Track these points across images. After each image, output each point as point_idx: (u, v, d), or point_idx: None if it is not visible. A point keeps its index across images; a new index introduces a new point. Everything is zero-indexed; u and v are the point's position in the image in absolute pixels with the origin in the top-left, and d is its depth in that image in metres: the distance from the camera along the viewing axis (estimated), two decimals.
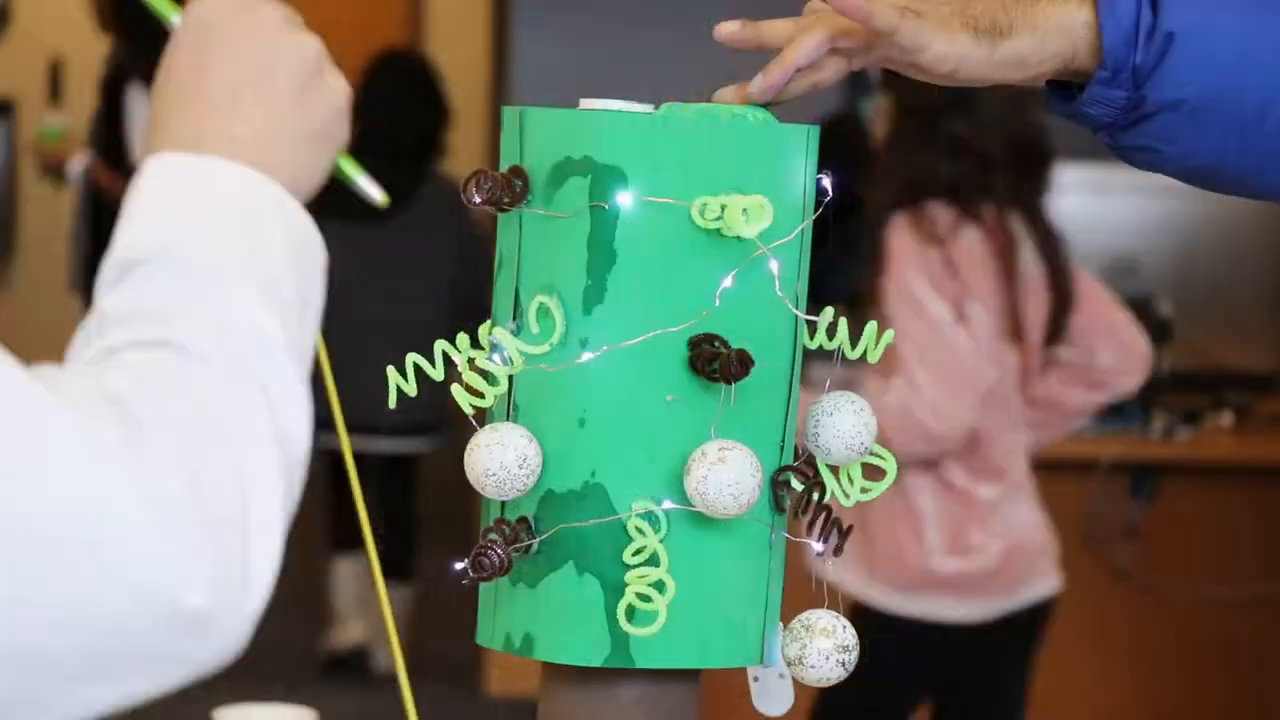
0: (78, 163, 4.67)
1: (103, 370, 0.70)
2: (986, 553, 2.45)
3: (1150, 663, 3.27)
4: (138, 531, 0.66)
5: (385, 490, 4.34)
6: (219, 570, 0.67)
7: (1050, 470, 2.91)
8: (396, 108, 4.12)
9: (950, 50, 1.03)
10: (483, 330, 0.99)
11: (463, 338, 0.98)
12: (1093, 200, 3.28)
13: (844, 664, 0.98)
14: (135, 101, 4.42)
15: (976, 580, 2.46)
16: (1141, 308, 3.08)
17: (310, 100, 0.83)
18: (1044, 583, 2.51)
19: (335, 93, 0.84)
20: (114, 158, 4.48)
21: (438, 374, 0.97)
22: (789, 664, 1.00)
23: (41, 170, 5.32)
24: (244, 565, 0.68)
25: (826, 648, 0.98)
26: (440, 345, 0.96)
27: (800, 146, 0.98)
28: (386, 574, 1.04)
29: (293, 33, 0.83)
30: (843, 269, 3.63)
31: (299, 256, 0.79)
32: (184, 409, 0.69)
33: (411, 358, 0.96)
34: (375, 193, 0.89)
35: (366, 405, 1.50)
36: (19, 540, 0.64)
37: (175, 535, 0.66)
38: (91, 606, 0.65)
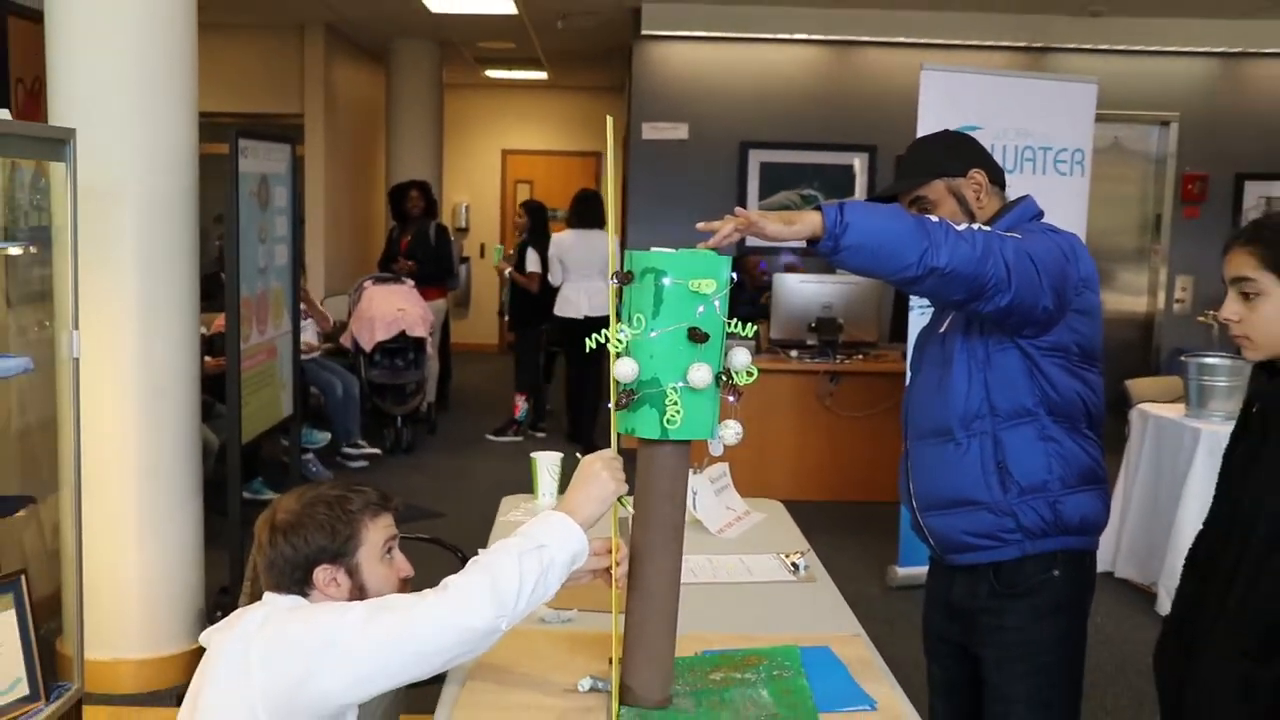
0: (505, 269, 9.73)
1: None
2: None
3: (834, 444, 8.18)
4: (453, 615, 2.10)
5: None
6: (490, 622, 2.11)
7: (805, 375, 8.06)
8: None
9: (775, 230, 2.28)
10: (617, 326, 2.13)
11: (611, 329, 2.16)
12: (815, 283, 8.21)
13: (738, 436, 2.19)
14: (530, 249, 9.33)
15: None
16: (831, 321, 8.19)
17: (602, 504, 2.15)
18: None
19: (608, 501, 2.13)
20: (518, 268, 9.48)
21: (601, 338, 2.17)
22: (720, 437, 2.22)
23: (498, 272, 10.28)
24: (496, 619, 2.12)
25: (731, 431, 2.20)
26: (605, 330, 2.15)
27: (726, 264, 2.15)
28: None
29: (607, 479, 2.13)
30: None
31: (566, 564, 2.15)
32: (475, 578, 2.12)
33: (602, 333, 2.16)
34: (626, 509, 2.16)
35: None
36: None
37: (475, 610, 2.09)
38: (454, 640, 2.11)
